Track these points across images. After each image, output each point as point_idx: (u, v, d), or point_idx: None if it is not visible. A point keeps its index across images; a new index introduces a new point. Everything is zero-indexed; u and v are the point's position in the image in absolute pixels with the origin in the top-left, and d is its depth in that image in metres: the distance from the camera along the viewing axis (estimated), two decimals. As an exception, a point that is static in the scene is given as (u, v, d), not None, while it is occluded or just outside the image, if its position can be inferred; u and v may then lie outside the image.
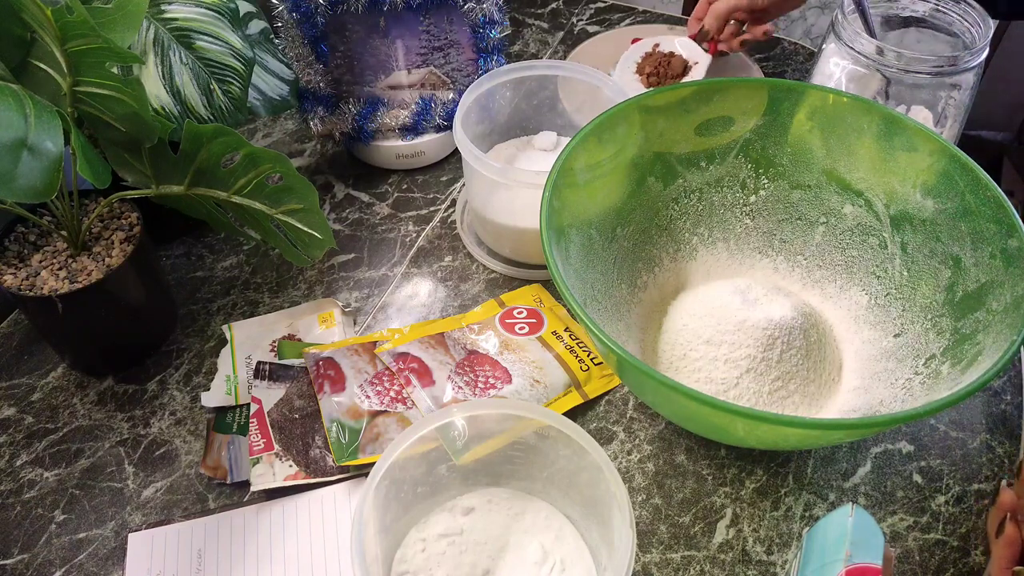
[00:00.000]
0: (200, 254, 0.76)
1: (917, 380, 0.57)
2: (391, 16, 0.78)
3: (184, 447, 0.62)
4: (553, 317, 0.69)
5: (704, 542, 0.57)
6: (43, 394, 0.65)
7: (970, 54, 0.68)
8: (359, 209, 0.80)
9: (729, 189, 0.69)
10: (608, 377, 0.65)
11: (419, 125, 0.82)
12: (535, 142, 0.79)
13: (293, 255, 0.65)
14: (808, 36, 1.71)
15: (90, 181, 0.52)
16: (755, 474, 0.60)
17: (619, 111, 0.63)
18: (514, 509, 0.55)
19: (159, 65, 0.61)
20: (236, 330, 0.68)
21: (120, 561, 0.56)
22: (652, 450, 0.61)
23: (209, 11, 0.64)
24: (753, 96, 0.65)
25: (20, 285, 0.59)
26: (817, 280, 0.68)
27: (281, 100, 0.75)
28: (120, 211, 0.64)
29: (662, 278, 0.69)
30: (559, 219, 0.58)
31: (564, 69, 0.76)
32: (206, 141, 0.57)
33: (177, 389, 0.66)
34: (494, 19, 0.80)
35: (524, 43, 1.00)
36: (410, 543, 0.54)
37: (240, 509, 0.58)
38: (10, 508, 0.59)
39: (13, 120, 0.47)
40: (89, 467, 0.61)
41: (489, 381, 0.63)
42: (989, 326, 0.53)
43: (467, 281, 0.74)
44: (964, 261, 0.58)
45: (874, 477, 0.60)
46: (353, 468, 0.59)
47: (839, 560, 0.45)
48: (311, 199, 0.61)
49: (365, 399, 0.61)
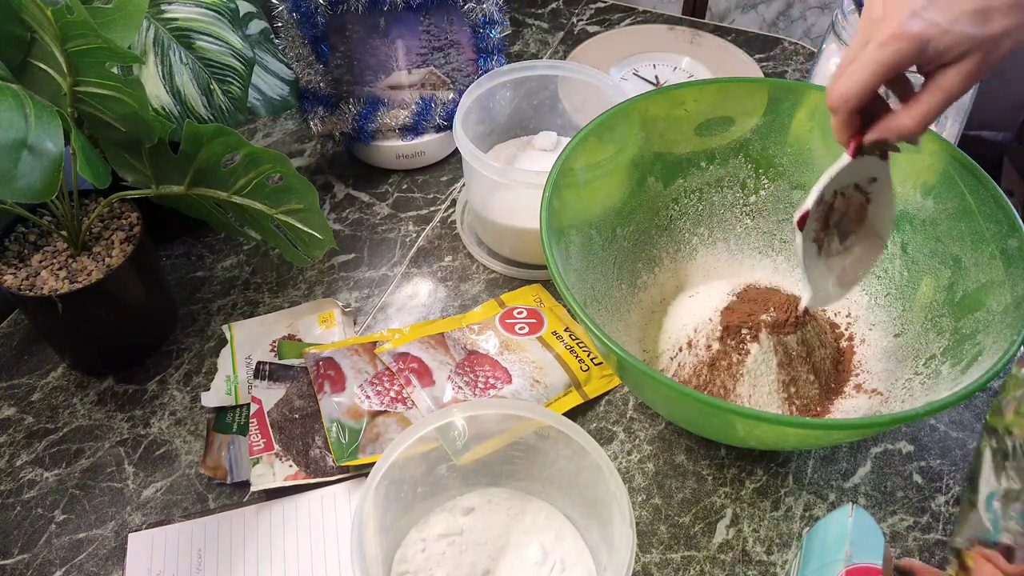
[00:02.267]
0: (200, 254, 0.76)
1: (917, 380, 0.57)
2: (391, 16, 0.78)
3: (184, 447, 0.62)
4: (553, 317, 0.69)
5: (704, 542, 0.57)
6: (43, 394, 0.65)
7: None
8: (359, 209, 0.80)
9: (729, 189, 0.69)
10: (608, 377, 0.65)
11: (419, 125, 0.82)
12: (535, 142, 0.79)
13: (293, 255, 0.65)
14: (808, 36, 1.71)
15: (90, 181, 0.52)
16: (755, 474, 0.60)
17: (619, 111, 0.63)
18: (514, 509, 0.55)
19: (159, 65, 0.61)
20: (236, 330, 0.68)
21: (120, 561, 0.56)
22: (652, 450, 0.61)
23: (209, 11, 0.64)
24: (753, 96, 0.65)
25: (20, 285, 0.59)
26: (817, 280, 0.68)
27: (281, 100, 0.75)
28: (120, 211, 0.64)
29: (662, 278, 0.69)
30: (559, 219, 0.58)
31: (564, 69, 0.76)
32: (206, 141, 0.57)
33: (177, 389, 0.66)
34: (494, 19, 0.80)
35: (524, 43, 1.00)
36: (410, 543, 0.54)
37: (240, 509, 0.58)
38: (10, 508, 0.59)
39: (13, 120, 0.47)
40: (89, 467, 0.61)
41: (489, 381, 0.63)
42: (989, 326, 0.53)
43: (467, 281, 0.74)
44: (964, 261, 0.58)
45: (874, 477, 0.60)
46: (353, 468, 0.59)
47: (839, 560, 0.45)
48: (311, 199, 0.61)
49: (365, 399, 0.61)
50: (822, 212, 0.54)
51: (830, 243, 0.56)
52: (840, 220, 0.55)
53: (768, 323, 0.58)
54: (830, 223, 0.55)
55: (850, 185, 0.53)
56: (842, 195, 0.54)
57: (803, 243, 0.53)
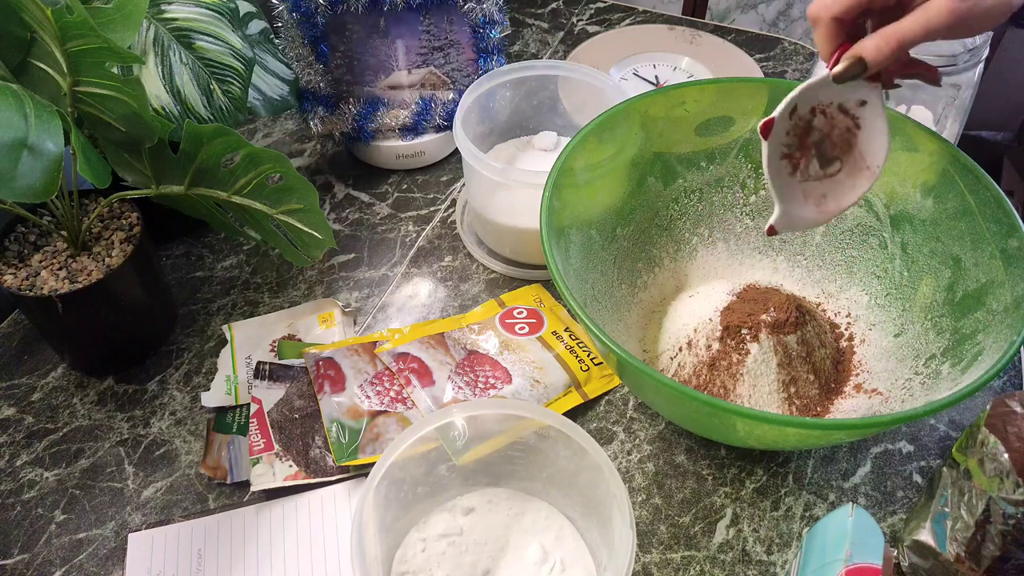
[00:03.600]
0: (200, 254, 0.76)
1: (917, 380, 0.57)
2: (391, 16, 0.78)
3: (184, 447, 0.62)
4: (553, 317, 0.69)
5: (704, 542, 0.57)
6: (43, 394, 0.65)
7: (970, 54, 0.67)
8: (359, 209, 0.80)
9: (729, 189, 0.69)
10: (608, 377, 0.65)
11: (419, 125, 0.82)
12: (535, 142, 0.79)
13: (293, 255, 0.65)
14: (808, 36, 1.71)
15: (90, 181, 0.52)
16: (755, 474, 0.60)
17: (619, 111, 0.63)
18: (514, 509, 0.55)
19: (159, 65, 0.61)
20: (236, 330, 0.68)
21: (120, 561, 0.56)
22: (652, 450, 0.62)
23: (209, 11, 0.64)
24: (753, 96, 0.65)
25: (20, 285, 0.59)
26: (817, 280, 0.68)
27: (281, 100, 0.75)
28: (120, 211, 0.64)
29: (662, 278, 0.69)
30: (559, 219, 0.58)
31: (564, 69, 0.76)
32: (206, 141, 0.57)
33: (177, 389, 0.66)
34: (494, 19, 0.80)
35: (524, 43, 1.00)
36: (410, 543, 0.54)
37: (240, 509, 0.58)
38: (10, 508, 0.59)
39: (13, 120, 0.47)
40: (89, 467, 0.61)
41: (489, 381, 0.63)
42: (989, 326, 0.53)
43: (467, 281, 0.74)
44: (964, 261, 0.58)
45: (874, 477, 0.60)
46: (353, 468, 0.59)
47: (839, 560, 0.45)
48: (311, 199, 0.61)
49: (365, 399, 0.61)
50: (798, 128, 0.51)
51: (807, 165, 0.53)
52: (821, 141, 0.52)
53: (768, 323, 0.58)
54: (808, 143, 0.52)
55: (833, 104, 0.51)
56: (823, 114, 0.51)
57: (770, 155, 0.51)
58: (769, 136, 0.50)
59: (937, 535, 0.49)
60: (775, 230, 0.54)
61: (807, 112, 0.51)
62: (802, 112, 0.51)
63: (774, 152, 0.51)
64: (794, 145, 0.52)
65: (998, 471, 0.44)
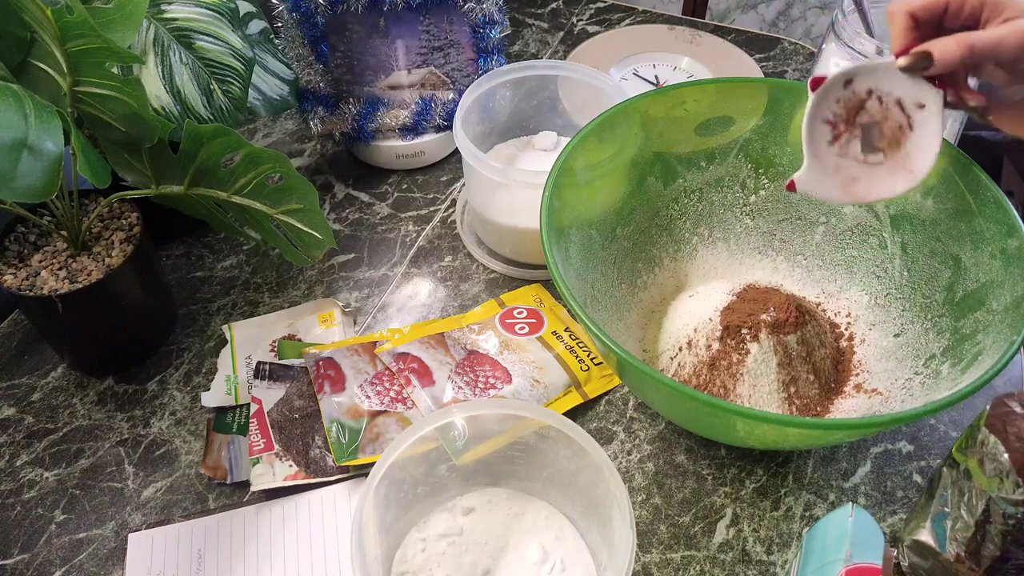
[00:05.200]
0: (200, 254, 0.76)
1: (917, 380, 0.57)
2: (391, 16, 0.78)
3: (184, 447, 0.62)
4: (553, 317, 0.69)
5: (704, 542, 0.57)
6: (43, 394, 0.65)
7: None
8: (359, 209, 0.80)
9: (729, 189, 0.69)
10: (608, 377, 0.65)
11: (419, 125, 0.82)
12: (535, 142, 0.79)
13: (293, 255, 0.65)
14: (808, 36, 1.71)
15: (90, 181, 0.52)
16: (755, 474, 0.60)
17: (619, 111, 0.63)
18: (514, 509, 0.55)
19: (159, 65, 0.61)
20: (236, 330, 0.68)
21: (120, 561, 0.56)
22: (652, 450, 0.62)
23: (209, 11, 0.64)
24: (753, 96, 0.65)
25: (20, 285, 0.59)
26: (817, 280, 0.68)
27: (281, 100, 0.75)
28: (120, 211, 0.64)
29: (662, 278, 0.69)
30: (559, 219, 0.58)
31: (564, 69, 0.76)
32: (206, 141, 0.57)
33: (177, 389, 0.66)
34: (494, 19, 0.80)
35: (524, 43, 1.00)
36: (410, 543, 0.54)
37: (240, 509, 0.58)
38: (10, 508, 0.59)
39: (13, 120, 0.47)
40: (89, 467, 0.61)
41: (489, 381, 0.63)
42: (989, 326, 0.53)
43: (467, 281, 0.74)
44: (964, 261, 0.58)
45: (874, 477, 0.60)
46: (353, 468, 0.59)
47: (839, 560, 0.45)
48: (311, 199, 0.61)
49: (365, 399, 0.61)
50: (850, 102, 0.52)
51: (849, 142, 0.53)
52: (870, 127, 0.53)
53: (768, 323, 0.58)
54: (855, 120, 0.52)
55: (892, 96, 0.52)
56: (880, 100, 0.52)
57: (812, 113, 0.51)
58: (817, 91, 0.51)
59: (937, 535, 0.49)
60: (795, 187, 0.54)
61: (864, 91, 0.52)
62: (858, 89, 0.51)
63: (816, 112, 0.52)
64: (840, 116, 0.53)
65: (998, 471, 0.44)
